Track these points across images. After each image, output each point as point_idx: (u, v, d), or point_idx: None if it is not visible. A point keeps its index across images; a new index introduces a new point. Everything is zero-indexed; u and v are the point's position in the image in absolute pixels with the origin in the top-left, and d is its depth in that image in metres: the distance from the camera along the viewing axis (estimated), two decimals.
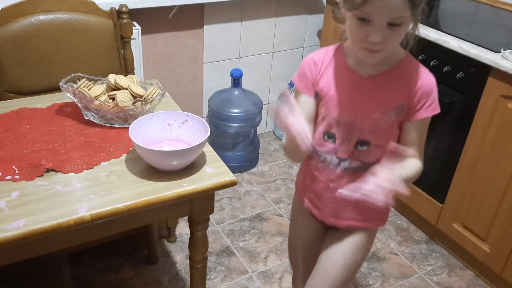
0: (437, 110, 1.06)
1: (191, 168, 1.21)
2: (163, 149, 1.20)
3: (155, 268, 1.93)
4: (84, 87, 1.35)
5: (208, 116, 2.56)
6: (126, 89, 1.37)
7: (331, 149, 1.12)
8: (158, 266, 1.94)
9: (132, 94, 1.36)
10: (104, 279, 1.86)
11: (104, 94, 1.37)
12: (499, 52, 1.71)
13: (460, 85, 1.86)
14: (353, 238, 1.22)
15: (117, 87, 1.38)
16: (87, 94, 1.32)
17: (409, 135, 1.08)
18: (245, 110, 2.45)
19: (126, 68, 1.85)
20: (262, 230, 2.19)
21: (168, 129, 1.29)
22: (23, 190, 1.10)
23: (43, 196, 1.08)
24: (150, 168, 1.20)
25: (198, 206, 1.23)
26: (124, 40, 1.80)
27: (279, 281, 1.92)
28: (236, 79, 2.45)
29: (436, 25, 2.00)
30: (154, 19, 2.20)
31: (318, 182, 1.19)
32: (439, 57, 1.91)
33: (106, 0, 1.82)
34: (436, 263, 2.08)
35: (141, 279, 1.87)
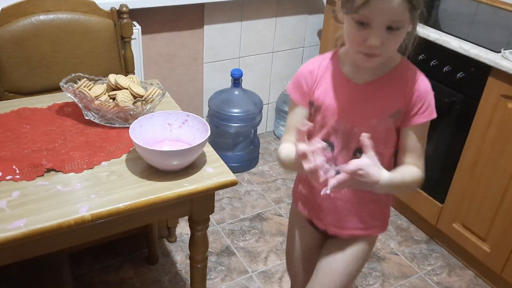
0: (433, 115, 1.04)
1: (192, 168, 1.21)
2: (164, 149, 1.20)
3: (155, 268, 1.93)
4: (85, 87, 1.35)
5: (208, 116, 2.56)
6: (127, 89, 1.37)
7: (330, 158, 1.10)
8: (158, 266, 1.94)
9: (133, 94, 1.36)
10: (104, 279, 1.86)
11: (105, 94, 1.37)
12: (499, 52, 1.71)
13: (460, 85, 1.86)
14: (354, 247, 1.21)
15: (118, 87, 1.38)
16: (88, 94, 1.33)
17: (407, 142, 1.06)
18: (245, 110, 2.45)
19: (127, 68, 1.85)
20: (262, 230, 2.19)
21: (169, 129, 1.29)
22: (24, 190, 1.10)
23: (44, 196, 1.09)
24: (151, 168, 1.20)
25: (199, 206, 1.24)
26: (125, 40, 1.81)
27: (279, 281, 1.92)
28: (236, 79, 2.45)
29: (436, 25, 2.00)
30: (155, 19, 2.20)
31: (318, 193, 1.15)
32: (439, 57, 1.91)
33: (106, 0, 1.82)
34: (436, 263, 2.08)
35: (141, 279, 1.88)
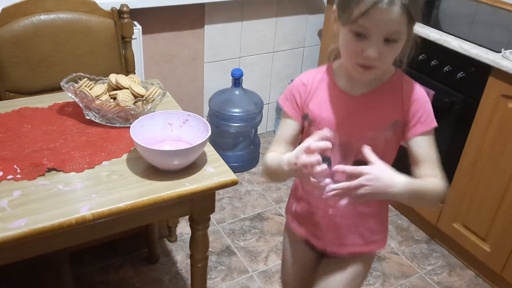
0: (434, 123, 1.03)
1: (192, 168, 1.21)
2: (164, 149, 1.21)
3: (156, 268, 1.93)
4: (85, 87, 1.35)
5: (209, 116, 2.56)
6: (127, 89, 1.37)
7: (327, 173, 1.04)
8: (159, 266, 1.94)
9: (133, 94, 1.37)
10: (105, 279, 1.86)
11: (105, 94, 1.37)
12: (500, 52, 1.71)
13: (461, 85, 1.87)
14: (354, 265, 1.18)
15: (118, 87, 1.38)
16: (88, 94, 1.33)
17: (417, 151, 1.03)
18: (246, 110, 2.45)
19: (127, 68, 1.85)
20: (263, 230, 2.19)
21: (169, 129, 1.29)
22: (25, 190, 1.10)
23: (45, 196, 1.09)
24: (151, 168, 1.20)
25: (199, 206, 1.24)
26: (125, 40, 1.81)
27: (280, 281, 1.92)
28: (237, 79, 2.45)
29: (437, 25, 2.00)
30: (155, 19, 2.21)
31: (315, 210, 1.15)
32: (440, 57, 1.91)
33: (107, 0, 1.82)
34: (437, 263, 2.08)
35: (142, 279, 1.88)
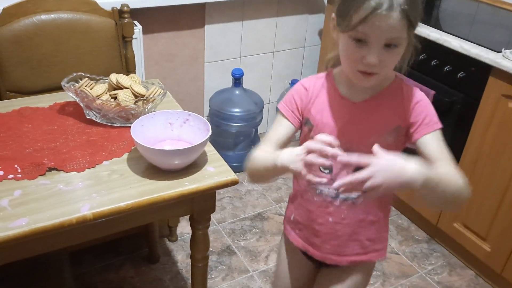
0: (439, 125, 1.03)
1: (193, 167, 1.21)
2: (165, 148, 1.21)
3: (156, 267, 1.93)
4: (86, 87, 1.36)
5: (209, 116, 2.56)
6: (128, 89, 1.37)
7: (328, 181, 1.04)
8: (159, 265, 1.94)
9: (134, 94, 1.37)
10: (105, 278, 1.86)
11: (106, 94, 1.37)
12: (500, 52, 1.71)
13: (461, 85, 1.87)
14: (353, 276, 1.17)
15: (119, 87, 1.38)
16: (89, 93, 1.33)
17: (428, 150, 1.02)
18: (246, 110, 2.45)
19: (128, 68, 1.85)
20: (263, 230, 2.19)
21: (170, 128, 1.30)
22: (25, 189, 1.10)
23: (45, 195, 1.09)
24: (152, 167, 1.20)
25: (200, 205, 1.24)
26: (126, 40, 1.81)
27: None
28: (237, 79, 2.45)
29: (437, 25, 2.00)
30: (156, 19, 2.21)
31: (315, 218, 1.13)
32: (440, 57, 1.91)
33: (108, 0, 1.82)
34: (437, 263, 2.08)
35: (142, 278, 1.88)
